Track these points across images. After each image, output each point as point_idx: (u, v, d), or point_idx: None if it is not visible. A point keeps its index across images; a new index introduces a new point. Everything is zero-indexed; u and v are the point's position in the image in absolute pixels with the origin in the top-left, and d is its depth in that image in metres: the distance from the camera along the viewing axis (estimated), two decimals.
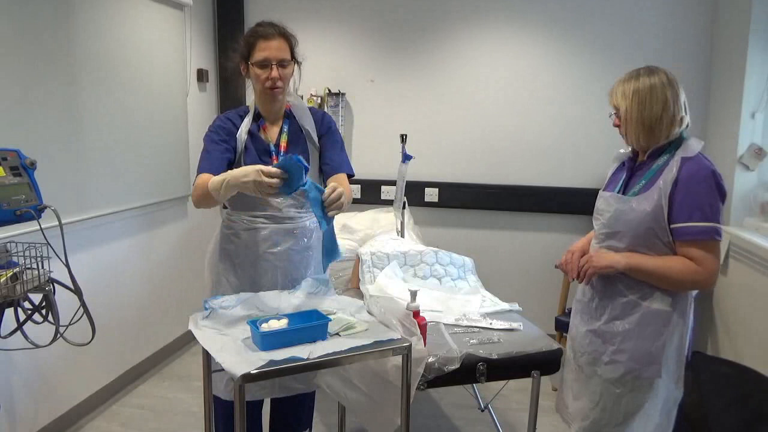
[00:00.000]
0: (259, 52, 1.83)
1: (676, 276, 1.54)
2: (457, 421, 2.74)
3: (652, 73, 1.58)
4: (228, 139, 1.90)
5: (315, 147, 1.99)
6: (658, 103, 1.55)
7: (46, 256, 1.78)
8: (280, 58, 1.84)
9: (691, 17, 3.27)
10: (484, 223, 3.65)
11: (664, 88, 1.56)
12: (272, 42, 1.83)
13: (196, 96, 3.55)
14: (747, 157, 2.87)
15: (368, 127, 3.71)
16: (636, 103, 1.57)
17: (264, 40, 1.83)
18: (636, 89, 1.57)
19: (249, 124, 1.93)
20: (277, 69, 1.83)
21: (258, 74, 1.85)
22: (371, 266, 2.47)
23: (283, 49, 1.85)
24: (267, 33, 1.84)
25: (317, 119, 2.02)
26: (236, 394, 1.35)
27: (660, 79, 1.57)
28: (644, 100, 1.56)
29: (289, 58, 1.87)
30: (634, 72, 1.61)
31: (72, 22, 2.49)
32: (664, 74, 1.58)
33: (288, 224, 1.96)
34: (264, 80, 1.85)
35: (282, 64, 1.85)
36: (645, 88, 1.56)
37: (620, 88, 1.61)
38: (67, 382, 2.59)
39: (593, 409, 1.69)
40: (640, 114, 1.57)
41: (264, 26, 1.87)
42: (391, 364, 1.65)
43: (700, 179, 1.51)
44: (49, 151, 2.37)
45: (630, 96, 1.58)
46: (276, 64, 1.83)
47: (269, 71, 1.83)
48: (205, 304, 1.73)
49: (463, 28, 3.51)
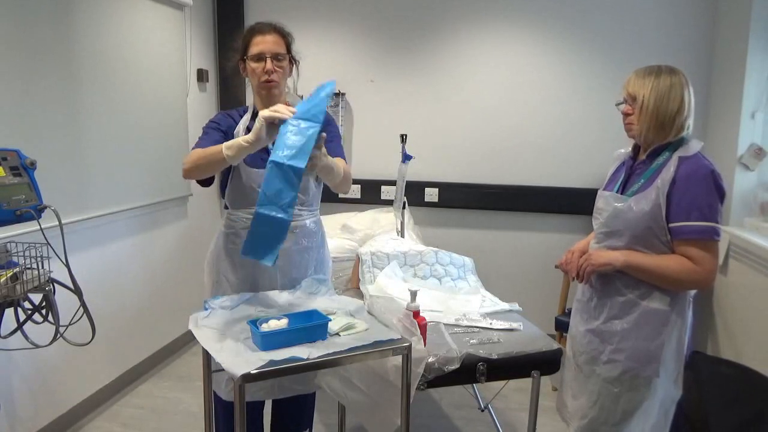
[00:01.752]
0: (254, 47, 1.86)
1: (674, 275, 1.55)
2: (457, 421, 2.74)
3: (673, 73, 1.59)
4: (227, 131, 1.92)
5: None
6: (675, 101, 1.56)
7: (46, 256, 1.78)
8: (275, 51, 1.86)
9: (691, 17, 3.27)
10: (484, 223, 3.65)
11: (683, 89, 1.57)
12: (267, 36, 1.86)
13: (196, 96, 3.55)
14: (747, 157, 2.87)
15: (368, 127, 3.71)
16: (654, 97, 1.57)
17: (259, 34, 1.87)
18: (656, 84, 1.58)
19: (247, 122, 1.94)
20: (271, 62, 1.85)
21: (253, 68, 1.87)
22: (371, 266, 2.47)
23: (278, 44, 1.87)
24: (262, 28, 1.88)
25: None
26: (236, 394, 1.35)
27: (680, 79, 1.58)
28: (663, 96, 1.57)
29: (284, 52, 1.89)
30: (655, 67, 1.61)
31: (72, 22, 2.49)
32: (683, 75, 1.60)
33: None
34: (259, 73, 1.86)
35: (277, 57, 1.86)
36: (665, 85, 1.57)
37: (639, 80, 1.61)
38: (67, 382, 2.59)
39: (591, 407, 1.69)
40: (657, 108, 1.57)
41: (260, 24, 1.91)
42: (391, 364, 1.65)
43: (699, 179, 1.52)
44: (49, 151, 2.37)
45: (649, 88, 1.58)
46: (270, 57, 1.85)
47: (264, 64, 1.85)
48: (205, 304, 1.73)
49: (463, 28, 3.51)
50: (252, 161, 1.88)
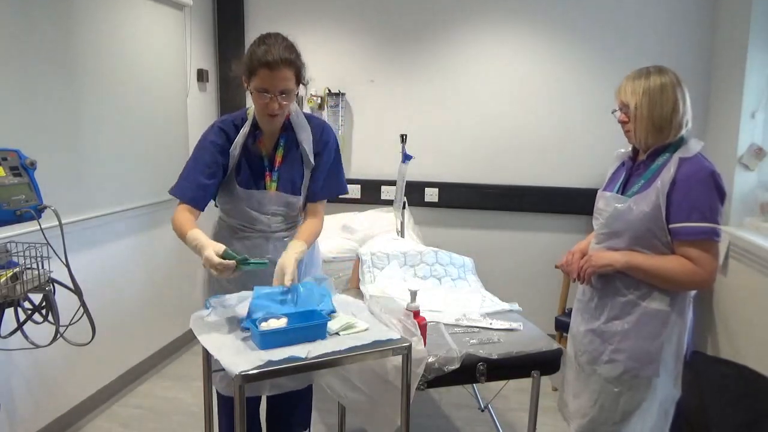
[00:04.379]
0: (261, 80, 1.72)
1: (674, 276, 1.54)
2: (457, 421, 2.74)
3: (662, 73, 1.57)
4: (222, 150, 1.85)
5: (309, 168, 1.93)
6: (669, 102, 1.55)
7: (46, 256, 1.78)
8: (282, 88, 1.73)
9: (691, 17, 3.27)
10: (484, 223, 3.65)
11: (675, 88, 1.55)
12: (276, 73, 1.70)
13: (196, 96, 3.55)
14: (747, 157, 2.87)
15: (368, 127, 3.71)
16: (646, 102, 1.55)
17: (268, 69, 1.69)
18: (647, 88, 1.56)
19: (245, 136, 1.87)
20: (276, 100, 1.74)
21: (257, 98, 1.77)
22: (371, 266, 2.47)
23: (287, 79, 1.73)
24: (272, 62, 1.69)
25: (316, 134, 1.93)
26: (236, 393, 1.35)
27: (670, 78, 1.56)
28: (655, 99, 1.55)
29: (292, 86, 1.76)
30: (644, 70, 1.60)
31: (72, 23, 2.49)
32: (673, 74, 1.58)
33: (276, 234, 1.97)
34: (262, 105, 1.76)
35: (283, 92, 1.75)
36: (656, 87, 1.55)
37: (630, 86, 1.59)
38: (67, 382, 2.59)
39: (592, 407, 1.70)
40: (651, 113, 1.56)
41: (270, 48, 1.70)
42: (390, 364, 1.65)
43: (699, 179, 1.51)
44: (49, 151, 2.37)
45: (640, 94, 1.56)
46: (276, 94, 1.74)
47: (268, 100, 1.74)
48: (206, 302, 1.73)
49: (463, 28, 3.51)
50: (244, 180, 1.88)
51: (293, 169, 1.92)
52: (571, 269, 1.72)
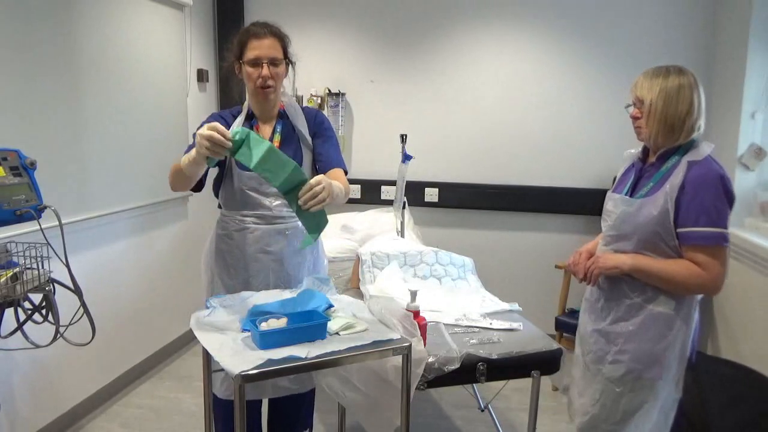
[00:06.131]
0: (251, 51, 1.84)
1: (681, 280, 1.53)
2: (457, 421, 2.74)
3: (681, 73, 1.55)
4: None
5: (308, 148, 1.98)
6: (684, 104, 1.53)
7: (46, 256, 1.78)
8: (272, 56, 1.84)
9: (691, 17, 3.27)
10: (484, 223, 3.65)
11: (692, 90, 1.54)
12: (264, 41, 1.83)
13: (196, 96, 3.55)
14: (747, 157, 2.87)
15: (368, 127, 3.71)
16: (662, 100, 1.54)
17: (255, 38, 1.84)
18: (664, 86, 1.54)
19: (241, 124, 1.92)
20: (268, 67, 1.84)
21: (249, 73, 1.86)
22: (371, 266, 2.47)
23: (274, 48, 1.85)
24: (258, 32, 1.84)
25: (309, 118, 2.01)
26: (236, 393, 1.35)
27: (688, 80, 1.55)
28: (671, 99, 1.53)
29: (280, 57, 1.87)
30: (663, 68, 1.58)
31: (72, 23, 2.49)
32: (692, 76, 1.56)
33: (279, 224, 1.95)
34: (255, 78, 1.85)
35: (273, 62, 1.85)
36: (674, 87, 1.54)
37: (647, 82, 1.58)
38: (67, 382, 2.59)
39: (593, 405, 1.70)
40: (665, 111, 1.54)
41: (256, 26, 1.88)
42: (390, 364, 1.65)
43: (708, 183, 1.49)
44: (49, 151, 2.37)
45: (657, 92, 1.55)
46: (267, 63, 1.83)
47: (260, 69, 1.83)
48: (206, 302, 1.73)
49: (464, 28, 3.51)
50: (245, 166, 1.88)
51: (292, 151, 1.94)
52: (578, 270, 1.71)
